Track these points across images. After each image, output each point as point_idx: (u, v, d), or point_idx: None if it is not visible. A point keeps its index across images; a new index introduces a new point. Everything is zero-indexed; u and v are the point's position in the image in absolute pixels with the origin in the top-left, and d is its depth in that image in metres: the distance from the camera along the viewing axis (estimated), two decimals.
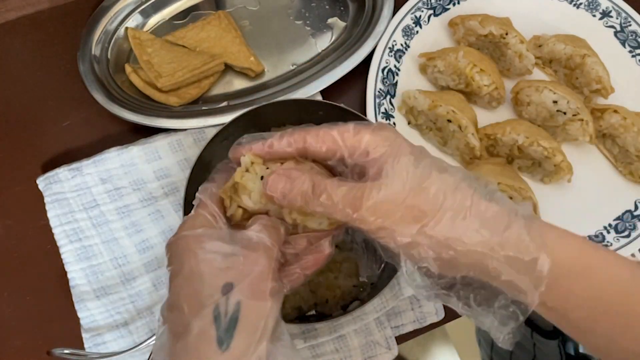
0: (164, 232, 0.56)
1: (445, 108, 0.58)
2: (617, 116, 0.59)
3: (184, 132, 0.60)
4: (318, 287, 0.51)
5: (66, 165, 0.58)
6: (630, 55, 0.67)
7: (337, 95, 0.63)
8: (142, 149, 0.59)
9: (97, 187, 0.57)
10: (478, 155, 0.59)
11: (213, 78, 0.64)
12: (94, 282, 0.54)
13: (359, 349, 0.53)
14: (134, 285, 0.54)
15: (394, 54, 0.65)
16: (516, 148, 0.58)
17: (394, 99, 0.63)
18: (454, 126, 0.58)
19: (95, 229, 0.56)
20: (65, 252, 0.55)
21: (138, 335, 0.53)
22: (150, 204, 0.57)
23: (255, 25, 0.69)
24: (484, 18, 0.63)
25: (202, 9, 0.70)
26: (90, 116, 0.62)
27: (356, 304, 0.52)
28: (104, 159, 0.58)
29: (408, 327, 0.55)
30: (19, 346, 0.54)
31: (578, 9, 0.69)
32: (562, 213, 0.59)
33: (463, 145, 0.59)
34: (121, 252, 0.56)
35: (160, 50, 0.63)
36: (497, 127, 0.59)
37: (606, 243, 0.57)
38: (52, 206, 0.56)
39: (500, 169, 0.58)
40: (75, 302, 0.53)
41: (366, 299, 0.51)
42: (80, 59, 0.63)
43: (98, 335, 0.52)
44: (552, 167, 0.58)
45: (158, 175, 0.58)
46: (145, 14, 0.68)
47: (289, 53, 0.67)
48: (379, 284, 0.54)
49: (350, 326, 0.53)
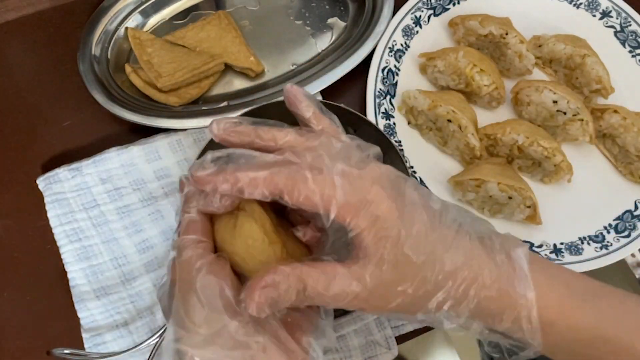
0: (164, 232, 0.56)
1: (445, 108, 0.58)
2: (617, 116, 0.59)
3: (184, 132, 0.60)
4: None
5: (66, 165, 0.58)
6: (630, 55, 0.67)
7: (337, 95, 0.63)
8: (142, 149, 0.59)
9: (97, 187, 0.57)
10: (478, 155, 0.59)
11: (213, 78, 0.64)
12: (94, 282, 0.54)
13: (359, 349, 0.53)
14: (134, 285, 0.54)
15: (394, 54, 0.65)
16: (516, 148, 0.58)
17: (394, 99, 0.63)
18: (454, 126, 0.58)
19: (95, 229, 0.56)
20: (65, 252, 0.55)
21: (138, 335, 0.53)
22: (150, 204, 0.57)
23: (255, 25, 0.69)
24: (484, 18, 0.63)
25: (202, 9, 0.70)
26: (90, 116, 0.62)
27: None
28: (104, 159, 0.58)
29: (408, 327, 0.55)
30: (19, 346, 0.54)
31: (578, 9, 0.69)
32: (562, 213, 0.59)
33: (463, 145, 0.59)
34: (121, 252, 0.56)
35: (160, 50, 0.63)
36: (497, 127, 0.59)
37: (606, 243, 0.57)
38: (52, 206, 0.56)
39: (500, 169, 0.58)
40: (75, 302, 0.53)
41: None
42: (80, 59, 0.63)
43: (98, 335, 0.52)
44: (552, 167, 0.58)
45: (158, 175, 0.58)
46: (145, 14, 0.68)
47: (289, 53, 0.67)
48: None
49: (350, 326, 0.53)
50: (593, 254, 0.57)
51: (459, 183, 0.57)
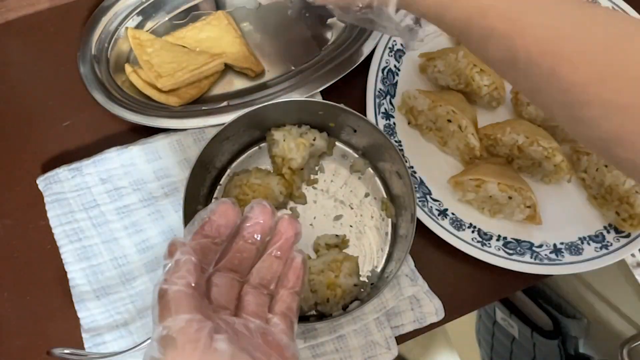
0: (164, 232, 0.56)
1: (445, 108, 0.58)
2: None
3: (184, 132, 0.60)
4: (319, 287, 0.51)
5: (66, 165, 0.58)
6: None
7: (337, 95, 0.63)
8: (142, 149, 0.59)
9: (97, 187, 0.57)
10: (478, 155, 0.59)
11: (213, 78, 0.64)
12: (94, 282, 0.54)
13: (359, 349, 0.53)
14: (134, 285, 0.54)
15: (394, 54, 0.65)
16: (516, 148, 0.58)
17: (394, 99, 0.63)
18: (454, 126, 0.58)
19: (95, 229, 0.56)
20: (65, 252, 0.55)
21: (138, 335, 0.53)
22: (150, 204, 0.57)
23: (255, 25, 0.69)
24: None
25: (202, 9, 0.70)
26: (90, 116, 0.62)
27: (356, 303, 0.52)
28: (104, 159, 0.58)
29: (408, 327, 0.55)
30: (19, 346, 0.54)
31: None
32: (562, 213, 0.59)
33: (463, 145, 0.59)
34: (121, 252, 0.56)
35: (160, 50, 0.63)
36: (497, 127, 0.59)
37: (606, 243, 0.57)
38: (52, 206, 0.56)
39: (500, 169, 0.58)
40: (75, 302, 0.53)
41: (366, 299, 0.51)
42: (80, 59, 0.63)
43: (98, 336, 0.52)
44: (552, 167, 0.58)
45: (158, 175, 0.58)
46: (145, 14, 0.68)
47: (289, 53, 0.67)
48: (379, 283, 0.54)
49: (350, 326, 0.53)
50: (593, 254, 0.57)
51: (459, 183, 0.57)
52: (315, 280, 0.52)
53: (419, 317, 0.55)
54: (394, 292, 0.54)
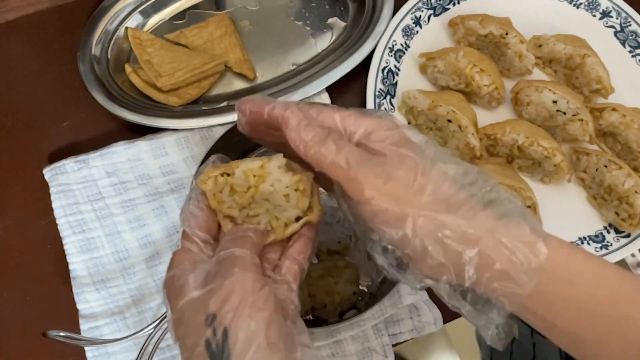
0: (166, 228, 0.56)
1: (445, 108, 0.58)
2: (616, 114, 0.59)
3: (191, 130, 0.60)
4: (317, 291, 0.51)
5: (73, 157, 0.58)
6: (630, 55, 0.67)
7: (337, 95, 0.63)
8: (149, 144, 0.59)
9: (103, 180, 0.58)
10: (478, 155, 0.59)
11: (213, 78, 0.64)
12: (95, 274, 0.54)
13: (355, 355, 0.53)
14: (133, 280, 0.55)
15: (394, 54, 0.65)
16: (516, 148, 0.58)
17: (394, 99, 0.63)
18: (454, 126, 0.58)
19: (99, 221, 0.56)
20: (68, 243, 0.55)
21: (135, 329, 0.53)
22: (155, 199, 0.57)
23: (255, 25, 0.69)
24: (484, 18, 0.63)
25: (202, 8, 0.70)
26: (90, 116, 0.62)
27: (353, 312, 0.52)
28: (111, 153, 0.58)
29: (405, 336, 0.54)
30: (19, 346, 0.54)
31: (578, 9, 0.69)
32: (562, 213, 0.59)
33: (463, 145, 0.59)
34: (123, 246, 0.56)
35: (160, 50, 0.63)
36: (497, 127, 0.59)
37: (606, 243, 0.57)
38: (57, 197, 0.57)
39: (500, 169, 0.58)
40: (75, 293, 0.54)
41: (364, 309, 0.51)
42: (80, 59, 0.63)
43: (96, 328, 0.53)
44: (552, 167, 0.58)
45: (164, 171, 0.58)
46: (145, 14, 0.68)
47: (289, 53, 0.67)
48: (378, 294, 0.54)
49: (347, 332, 0.53)
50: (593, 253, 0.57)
51: None
52: (314, 285, 0.51)
53: (417, 326, 0.54)
54: (393, 300, 0.54)
